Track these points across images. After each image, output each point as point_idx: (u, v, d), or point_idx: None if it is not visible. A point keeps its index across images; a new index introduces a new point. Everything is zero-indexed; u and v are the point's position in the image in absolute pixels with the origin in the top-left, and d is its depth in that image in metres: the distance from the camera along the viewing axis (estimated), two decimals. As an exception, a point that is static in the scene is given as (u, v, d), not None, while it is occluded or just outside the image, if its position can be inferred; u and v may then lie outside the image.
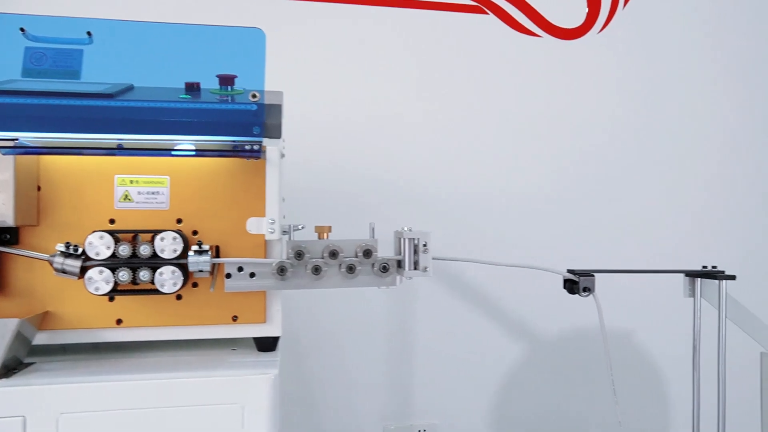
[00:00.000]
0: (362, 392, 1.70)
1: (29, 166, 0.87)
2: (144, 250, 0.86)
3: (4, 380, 0.79)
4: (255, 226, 0.86)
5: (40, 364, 0.88)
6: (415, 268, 0.92)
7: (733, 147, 1.90)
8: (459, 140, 1.73)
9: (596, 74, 1.83)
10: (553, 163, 1.78)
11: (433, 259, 0.92)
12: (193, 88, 0.96)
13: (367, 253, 0.92)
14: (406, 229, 0.94)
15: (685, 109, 1.88)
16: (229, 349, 0.98)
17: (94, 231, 0.85)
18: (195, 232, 0.93)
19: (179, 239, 0.86)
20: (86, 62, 0.92)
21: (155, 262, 0.86)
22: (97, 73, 0.93)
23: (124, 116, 0.86)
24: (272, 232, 0.86)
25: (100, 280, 0.84)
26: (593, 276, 0.95)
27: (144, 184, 0.92)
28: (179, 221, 0.92)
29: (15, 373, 0.83)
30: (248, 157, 0.86)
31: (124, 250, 0.85)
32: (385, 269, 0.93)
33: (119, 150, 0.88)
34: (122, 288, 0.87)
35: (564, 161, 1.79)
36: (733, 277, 1.00)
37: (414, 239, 0.91)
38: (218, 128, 0.88)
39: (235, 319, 0.94)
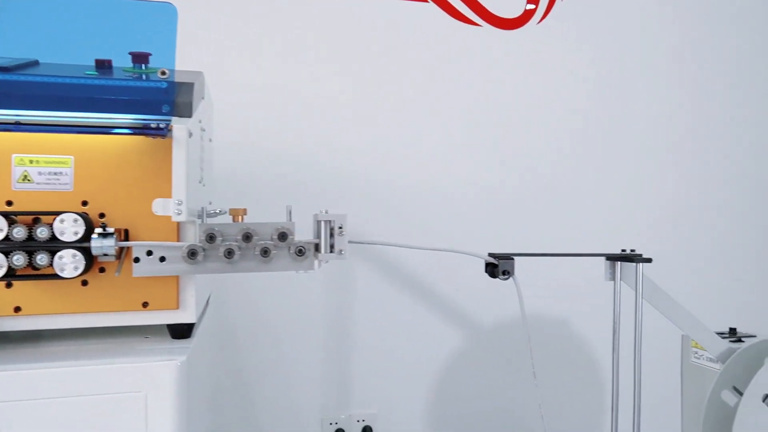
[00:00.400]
0: (300, 384, 1.68)
1: None
2: (41, 233, 0.81)
3: None
4: (161, 207, 0.83)
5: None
6: (331, 251, 0.90)
7: (658, 136, 1.95)
8: (396, 128, 1.72)
9: (535, 64, 1.84)
10: (488, 151, 1.79)
11: (350, 242, 0.91)
12: (104, 66, 0.92)
13: (283, 236, 0.90)
14: (322, 211, 0.92)
15: (619, 99, 1.92)
16: (141, 337, 0.94)
17: (-15, 213, 0.80)
18: (102, 215, 0.89)
19: (81, 221, 0.82)
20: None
21: (54, 245, 0.82)
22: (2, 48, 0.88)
23: (21, 91, 0.81)
24: (179, 214, 0.82)
25: (-8, 264, 0.80)
26: (512, 259, 0.95)
27: (45, 164, 0.87)
28: (85, 203, 0.88)
29: None
30: (153, 136, 0.82)
31: (19, 232, 0.80)
32: (301, 252, 0.91)
33: (15, 126, 0.84)
34: (21, 273, 0.82)
35: (500, 150, 1.80)
36: (649, 260, 1.02)
37: (330, 222, 0.90)
38: (125, 106, 0.85)
39: (145, 305, 0.90)
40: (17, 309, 0.86)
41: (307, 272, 0.92)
